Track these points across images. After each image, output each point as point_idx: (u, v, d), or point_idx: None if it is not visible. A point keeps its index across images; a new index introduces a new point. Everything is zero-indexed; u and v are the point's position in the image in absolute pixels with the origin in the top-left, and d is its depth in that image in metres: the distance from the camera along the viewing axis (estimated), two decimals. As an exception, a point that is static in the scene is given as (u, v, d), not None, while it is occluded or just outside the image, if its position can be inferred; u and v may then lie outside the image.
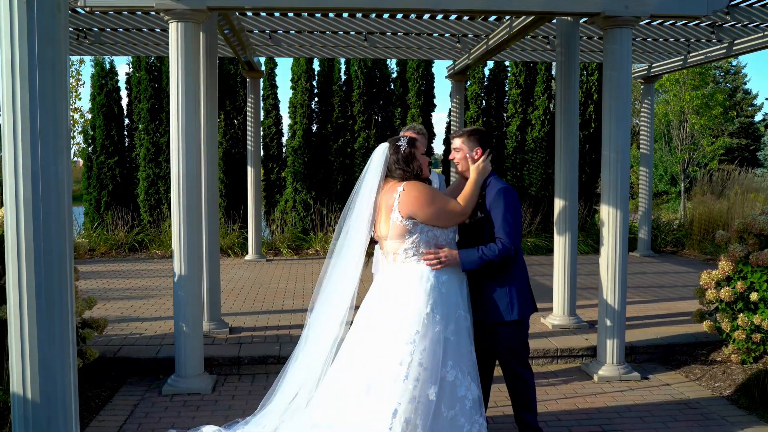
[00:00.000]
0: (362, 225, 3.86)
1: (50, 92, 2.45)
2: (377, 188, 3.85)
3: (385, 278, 3.88)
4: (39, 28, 2.41)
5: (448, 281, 3.80)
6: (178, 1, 5.08)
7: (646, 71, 11.55)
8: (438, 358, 3.61)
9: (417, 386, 3.52)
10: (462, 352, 3.75)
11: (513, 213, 3.91)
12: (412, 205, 3.71)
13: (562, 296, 6.78)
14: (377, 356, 3.65)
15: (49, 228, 2.44)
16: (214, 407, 5.00)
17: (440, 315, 3.68)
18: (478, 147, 4.08)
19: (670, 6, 5.53)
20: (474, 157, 4.07)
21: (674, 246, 12.99)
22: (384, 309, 3.77)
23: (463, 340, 3.77)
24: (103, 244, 12.07)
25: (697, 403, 5.11)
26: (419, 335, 3.60)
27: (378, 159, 3.91)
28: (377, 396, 3.56)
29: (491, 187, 4.00)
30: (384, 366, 3.60)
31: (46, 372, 2.51)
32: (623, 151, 5.57)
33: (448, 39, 9.44)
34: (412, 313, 3.65)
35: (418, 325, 3.62)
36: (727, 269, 5.87)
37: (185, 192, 5.26)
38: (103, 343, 6.00)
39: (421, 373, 3.55)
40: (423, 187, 3.79)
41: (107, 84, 12.87)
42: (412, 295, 3.71)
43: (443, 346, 3.65)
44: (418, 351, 3.57)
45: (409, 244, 3.76)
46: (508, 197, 3.92)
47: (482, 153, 4.08)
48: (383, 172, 3.88)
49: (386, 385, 3.55)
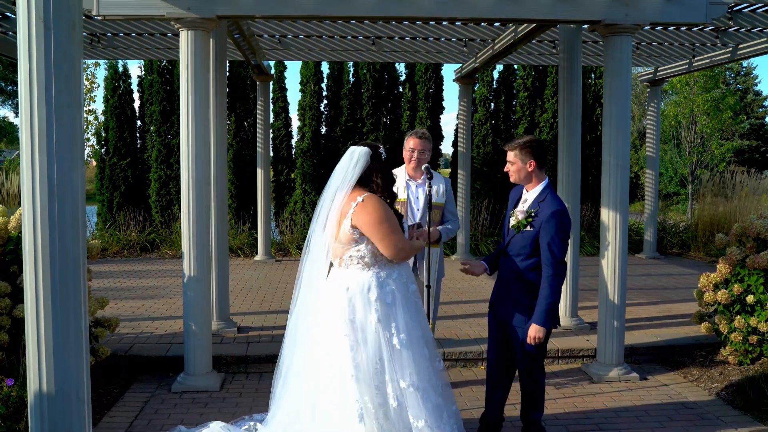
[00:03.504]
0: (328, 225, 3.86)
1: (65, 105, 2.59)
2: (345, 194, 3.80)
3: (329, 283, 3.86)
4: (55, 46, 2.55)
5: (392, 292, 3.79)
6: (188, 11, 5.23)
7: (652, 75, 11.62)
8: (380, 367, 3.65)
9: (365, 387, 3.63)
10: (416, 361, 3.73)
11: (561, 238, 3.91)
12: (362, 218, 3.68)
13: (565, 298, 6.88)
14: (323, 365, 3.72)
15: (65, 234, 2.59)
16: (222, 404, 5.14)
17: (384, 325, 3.69)
18: (531, 160, 4.04)
19: (669, 14, 5.62)
20: (528, 170, 4.05)
21: (680, 248, 13.04)
22: (325, 318, 3.78)
23: (415, 348, 3.75)
24: (115, 244, 12.27)
25: (694, 404, 5.21)
26: (358, 344, 3.67)
27: (353, 162, 3.84)
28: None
29: (546, 204, 3.99)
30: (330, 375, 3.68)
31: (61, 369, 2.66)
32: (623, 156, 5.67)
33: (455, 43, 9.55)
34: (352, 322, 3.69)
35: (358, 333, 3.68)
36: (724, 272, 5.96)
37: (195, 195, 5.41)
38: (114, 341, 6.16)
39: (361, 378, 3.62)
40: (380, 206, 3.71)
41: (120, 86, 13.07)
42: (359, 304, 3.72)
43: (390, 356, 3.66)
44: (357, 359, 3.64)
45: (354, 252, 3.76)
46: (561, 220, 3.92)
47: (536, 165, 4.05)
48: (357, 177, 3.82)
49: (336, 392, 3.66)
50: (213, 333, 6.14)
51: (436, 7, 5.48)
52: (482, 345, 6.12)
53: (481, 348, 6.09)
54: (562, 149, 6.83)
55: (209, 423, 4.43)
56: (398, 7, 5.50)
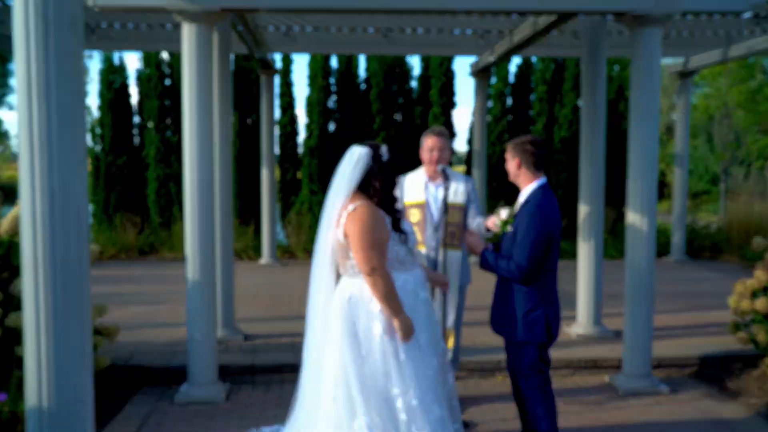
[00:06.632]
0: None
1: (66, 106, 2.60)
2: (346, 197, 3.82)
3: (336, 292, 3.88)
4: (55, 42, 2.56)
5: (423, 302, 3.82)
6: (191, 3, 5.23)
7: (683, 66, 11.47)
8: (386, 381, 3.68)
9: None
10: (422, 374, 3.74)
11: (532, 239, 3.90)
12: (349, 228, 3.68)
13: (587, 304, 6.88)
14: (330, 373, 3.75)
15: (67, 242, 2.60)
16: (228, 416, 5.17)
17: (390, 336, 3.70)
18: (517, 158, 4.13)
19: (705, 1, 5.55)
20: (515, 168, 4.13)
21: (712, 251, 12.91)
22: (331, 330, 3.81)
23: (418, 362, 3.76)
24: (111, 247, 12.23)
25: (730, 421, 5.14)
26: (363, 358, 3.69)
27: (352, 164, 3.82)
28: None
29: (530, 203, 4.03)
30: (335, 383, 3.72)
31: (62, 385, 2.67)
32: (651, 156, 5.63)
33: (471, 36, 9.53)
34: (355, 336, 3.72)
35: (363, 347, 3.70)
36: (763, 279, 5.89)
37: (198, 196, 5.43)
38: (114, 350, 6.17)
39: (368, 393, 3.65)
40: (368, 216, 3.69)
41: (116, 80, 13.08)
42: (362, 315, 3.74)
43: (398, 369, 3.68)
44: (363, 372, 3.67)
45: (353, 261, 3.76)
46: (533, 220, 3.93)
47: (521, 164, 4.11)
48: (357, 181, 3.80)
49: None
50: (218, 341, 6.15)
51: (452, -2, 5.49)
52: (500, 354, 6.10)
53: (499, 357, 6.07)
54: (586, 149, 6.82)
55: (214, 437, 4.45)
56: (412, 0, 5.51)
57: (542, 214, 3.95)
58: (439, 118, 13.05)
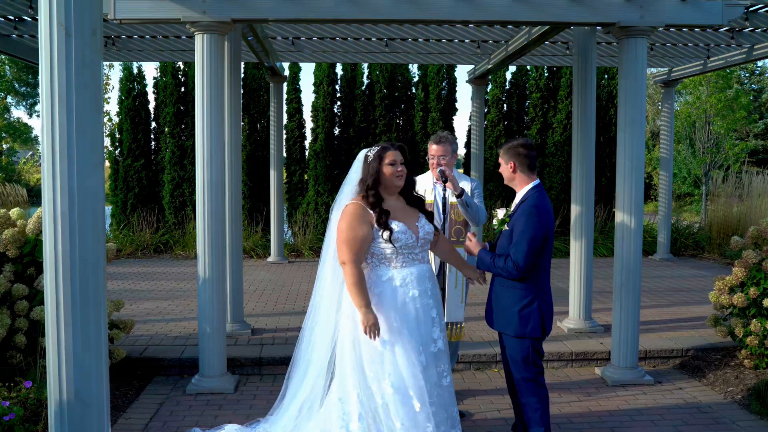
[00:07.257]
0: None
1: (85, 112, 2.61)
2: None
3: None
4: (76, 52, 2.57)
5: (380, 294, 3.85)
6: (204, 14, 5.26)
7: (666, 75, 11.56)
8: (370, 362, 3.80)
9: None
10: (396, 363, 3.76)
11: (530, 237, 3.88)
12: (338, 222, 3.88)
13: (578, 300, 6.87)
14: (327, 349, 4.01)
15: (85, 240, 2.61)
16: (237, 406, 5.17)
17: (397, 325, 3.79)
18: (511, 161, 4.11)
19: (685, 15, 5.57)
20: (510, 171, 4.12)
21: (694, 249, 12.96)
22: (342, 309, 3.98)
23: (400, 354, 3.77)
24: (128, 245, 12.33)
25: (709, 408, 5.18)
26: (358, 341, 3.83)
27: (353, 167, 4.01)
28: None
29: (527, 202, 4.01)
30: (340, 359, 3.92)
31: (80, 376, 2.69)
32: (638, 159, 5.64)
33: (468, 45, 9.55)
34: (352, 318, 3.86)
35: (359, 330, 3.80)
36: (740, 275, 5.92)
37: (210, 198, 5.45)
38: (129, 343, 6.20)
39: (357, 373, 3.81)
40: (351, 214, 3.82)
41: (135, 88, 13.12)
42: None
43: (380, 356, 3.76)
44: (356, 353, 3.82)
45: None
46: (530, 218, 3.92)
47: (515, 167, 4.09)
48: (356, 182, 3.99)
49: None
50: (227, 334, 6.17)
51: (449, 10, 5.49)
52: (495, 347, 6.11)
53: (494, 351, 6.08)
54: (577, 152, 6.82)
55: (224, 425, 4.46)
56: (412, 11, 5.51)
57: (538, 213, 3.94)
58: (439, 123, 13.05)
